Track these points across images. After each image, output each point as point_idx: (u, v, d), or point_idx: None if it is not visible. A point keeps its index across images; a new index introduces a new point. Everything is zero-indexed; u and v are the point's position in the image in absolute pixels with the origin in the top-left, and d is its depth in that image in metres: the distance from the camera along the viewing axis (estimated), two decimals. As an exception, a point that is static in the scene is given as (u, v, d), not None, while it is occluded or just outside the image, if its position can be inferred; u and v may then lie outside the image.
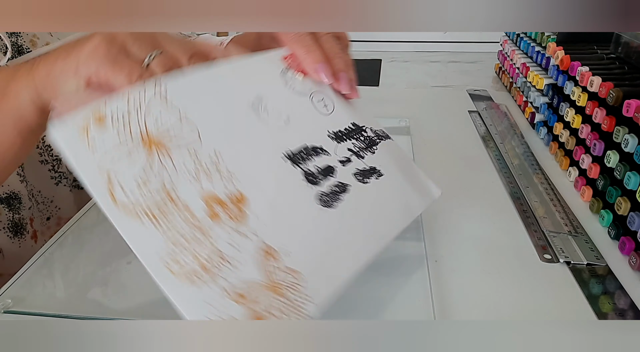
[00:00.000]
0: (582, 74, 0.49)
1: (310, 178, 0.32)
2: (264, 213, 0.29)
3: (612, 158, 0.42)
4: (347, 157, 0.35)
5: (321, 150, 0.34)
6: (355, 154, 0.36)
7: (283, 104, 0.34)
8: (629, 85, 0.44)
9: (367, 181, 0.35)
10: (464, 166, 0.56)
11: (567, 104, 0.54)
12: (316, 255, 0.30)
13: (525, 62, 0.68)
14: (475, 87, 0.82)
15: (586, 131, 0.48)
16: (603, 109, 0.45)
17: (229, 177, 0.29)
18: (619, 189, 0.42)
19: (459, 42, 1.05)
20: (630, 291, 0.37)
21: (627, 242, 0.40)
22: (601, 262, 0.40)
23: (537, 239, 0.43)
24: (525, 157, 0.57)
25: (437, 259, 0.40)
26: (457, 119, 0.69)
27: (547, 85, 0.60)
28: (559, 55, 0.56)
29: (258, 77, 0.35)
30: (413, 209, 0.38)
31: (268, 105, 0.33)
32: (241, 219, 0.28)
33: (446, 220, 0.45)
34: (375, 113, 0.72)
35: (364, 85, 0.84)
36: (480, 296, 0.36)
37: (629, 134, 0.40)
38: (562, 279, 0.38)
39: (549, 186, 0.51)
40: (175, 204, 0.27)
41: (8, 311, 0.35)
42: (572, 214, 0.46)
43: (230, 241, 0.27)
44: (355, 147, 0.36)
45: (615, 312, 0.35)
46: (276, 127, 0.33)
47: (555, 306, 0.36)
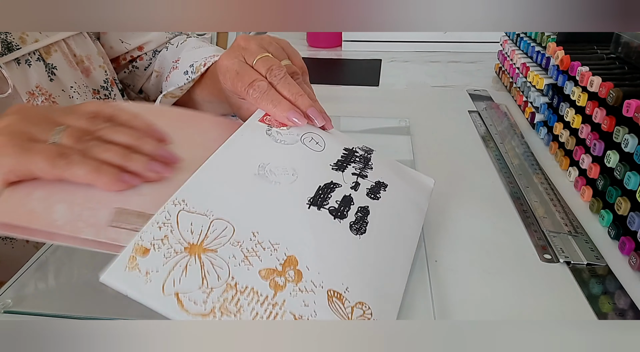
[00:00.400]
0: (582, 74, 0.49)
1: (336, 214, 0.35)
2: (315, 263, 0.31)
3: (612, 158, 0.42)
4: (355, 181, 0.37)
5: (333, 185, 0.36)
6: (360, 176, 0.38)
7: (284, 160, 0.36)
8: (629, 85, 0.44)
9: (379, 196, 0.38)
10: (464, 166, 0.56)
11: (567, 104, 0.54)
12: (371, 280, 0.33)
13: (525, 62, 0.68)
14: (475, 87, 0.82)
15: (586, 131, 0.48)
16: (603, 109, 0.45)
17: (274, 248, 0.31)
18: (619, 189, 0.42)
19: (459, 42, 1.05)
20: (630, 291, 0.37)
21: (627, 242, 0.40)
22: (601, 262, 0.40)
23: (537, 239, 0.43)
24: (525, 157, 0.57)
25: (437, 259, 0.40)
26: (457, 119, 0.69)
27: (547, 85, 0.60)
28: (559, 55, 0.56)
29: (251, 148, 0.37)
30: (422, 205, 0.41)
31: (272, 168, 0.35)
32: (299, 277, 0.30)
33: (446, 220, 0.45)
34: (376, 113, 0.72)
35: (364, 85, 0.84)
36: (480, 296, 0.36)
37: (629, 134, 0.40)
38: (562, 279, 0.38)
39: (549, 185, 0.51)
40: (243, 293, 0.28)
41: (8, 311, 0.35)
42: (572, 214, 0.46)
43: (300, 301, 0.29)
44: (357, 169, 0.39)
45: (615, 312, 0.35)
46: (288, 182, 0.35)
47: (555, 306, 0.36)
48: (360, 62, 0.98)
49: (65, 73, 0.52)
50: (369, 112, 0.72)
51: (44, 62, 0.50)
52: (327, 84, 0.85)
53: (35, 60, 0.49)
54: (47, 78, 0.51)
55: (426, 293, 0.36)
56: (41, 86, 0.50)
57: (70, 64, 0.53)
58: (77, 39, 0.55)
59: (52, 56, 0.51)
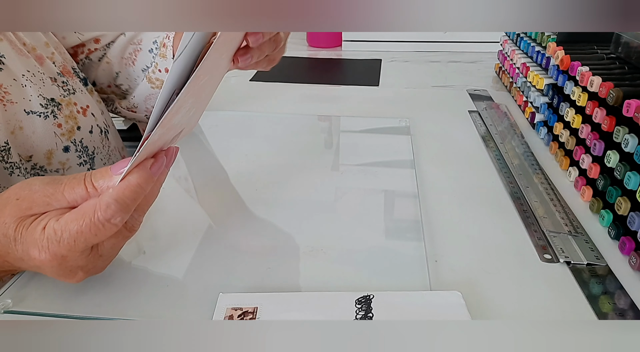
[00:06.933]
0: (582, 74, 0.49)
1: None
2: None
3: (612, 158, 0.42)
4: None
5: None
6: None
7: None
8: (629, 85, 0.44)
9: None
10: (464, 166, 0.56)
11: (567, 104, 0.54)
12: None
13: (525, 62, 0.68)
14: (475, 87, 0.82)
15: (586, 131, 0.48)
16: (603, 109, 0.45)
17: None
18: (619, 189, 0.42)
19: (459, 42, 1.05)
20: (630, 291, 0.37)
21: (627, 242, 0.40)
22: (601, 262, 0.40)
23: (537, 239, 0.43)
24: (525, 157, 0.57)
25: (437, 259, 0.40)
26: (457, 119, 0.69)
27: (547, 85, 0.60)
28: (559, 55, 0.56)
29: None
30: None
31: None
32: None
33: (446, 220, 0.45)
34: (376, 113, 0.72)
35: (364, 85, 0.84)
36: (480, 296, 0.36)
37: (629, 134, 0.40)
38: (562, 279, 0.38)
39: (549, 186, 0.51)
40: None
41: (8, 311, 0.35)
42: (572, 214, 0.46)
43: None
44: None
45: (615, 312, 0.35)
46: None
47: (555, 306, 0.36)
48: (360, 62, 0.98)
49: (15, 61, 0.50)
50: (369, 112, 0.72)
51: None
52: (327, 84, 0.85)
53: None
54: None
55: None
56: None
57: (20, 52, 0.51)
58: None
59: None
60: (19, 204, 0.33)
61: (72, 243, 0.31)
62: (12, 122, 0.49)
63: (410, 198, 0.49)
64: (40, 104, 0.51)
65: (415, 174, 0.53)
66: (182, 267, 0.39)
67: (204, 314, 0.34)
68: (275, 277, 0.38)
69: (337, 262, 0.40)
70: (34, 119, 0.50)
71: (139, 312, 0.35)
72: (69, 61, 0.59)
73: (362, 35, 1.06)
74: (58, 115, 0.52)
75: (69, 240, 0.31)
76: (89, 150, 0.56)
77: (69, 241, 0.31)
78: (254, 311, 0.33)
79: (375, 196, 0.49)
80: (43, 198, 0.33)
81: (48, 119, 0.51)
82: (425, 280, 0.37)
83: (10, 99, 0.49)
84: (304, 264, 0.40)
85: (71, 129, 0.54)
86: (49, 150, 0.52)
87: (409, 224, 0.45)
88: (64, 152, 0.53)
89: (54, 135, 0.52)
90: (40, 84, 0.52)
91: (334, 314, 0.33)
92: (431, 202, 0.48)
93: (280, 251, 0.41)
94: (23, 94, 0.50)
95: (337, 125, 0.69)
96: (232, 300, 0.34)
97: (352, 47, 1.07)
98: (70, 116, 0.54)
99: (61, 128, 0.53)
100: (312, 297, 0.35)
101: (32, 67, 0.52)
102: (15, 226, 0.32)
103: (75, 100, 0.55)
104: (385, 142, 0.62)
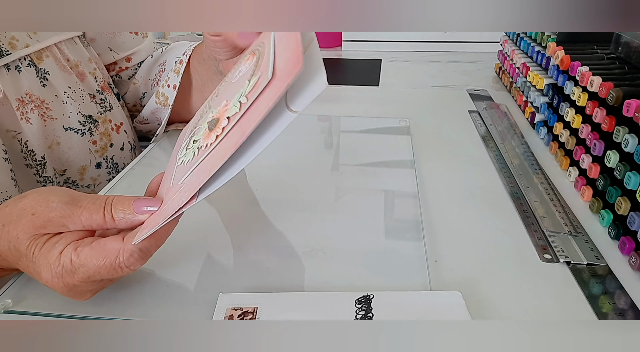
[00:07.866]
0: (582, 74, 0.49)
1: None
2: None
3: (612, 158, 0.42)
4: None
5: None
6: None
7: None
8: (629, 85, 0.44)
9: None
10: (464, 166, 0.56)
11: (567, 104, 0.54)
12: None
13: (525, 62, 0.68)
14: (475, 87, 0.82)
15: (586, 131, 0.48)
16: (603, 109, 0.45)
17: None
18: (619, 189, 0.42)
19: (459, 42, 1.05)
20: (630, 291, 0.37)
21: (627, 242, 0.40)
22: (601, 262, 0.40)
23: (537, 239, 0.43)
24: (525, 157, 0.57)
25: (437, 259, 0.40)
26: (457, 119, 0.69)
27: (547, 85, 0.60)
28: (559, 55, 0.56)
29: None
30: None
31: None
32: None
33: (446, 220, 0.45)
34: (376, 113, 0.72)
35: (364, 85, 0.84)
36: (480, 296, 0.36)
37: (629, 134, 0.40)
38: (562, 279, 0.38)
39: (549, 185, 0.51)
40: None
41: (8, 311, 0.35)
42: (572, 214, 0.46)
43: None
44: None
45: (615, 312, 0.35)
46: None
47: (555, 306, 0.36)
48: (360, 62, 0.98)
49: (58, 78, 0.51)
50: (369, 112, 0.72)
51: (35, 68, 0.49)
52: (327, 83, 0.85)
53: (26, 66, 0.48)
54: (39, 84, 0.50)
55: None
56: (31, 93, 0.49)
57: (63, 69, 0.52)
58: (68, 44, 0.54)
59: (44, 61, 0.50)
60: (34, 220, 0.32)
61: (87, 278, 0.31)
62: (51, 137, 0.51)
63: (410, 198, 0.49)
64: (79, 121, 0.53)
65: (415, 174, 0.53)
66: (182, 267, 0.39)
67: (204, 314, 0.34)
68: (275, 277, 0.38)
69: (337, 262, 0.40)
70: (71, 135, 0.52)
71: (139, 312, 0.35)
72: (107, 77, 0.60)
73: (362, 35, 1.06)
74: (94, 132, 0.55)
75: (84, 275, 0.31)
76: (118, 167, 0.58)
77: (83, 276, 0.31)
78: (254, 311, 0.33)
79: (375, 196, 0.49)
80: (59, 219, 0.32)
81: (85, 135, 0.54)
82: (425, 280, 0.37)
83: (51, 114, 0.51)
84: (304, 264, 0.40)
85: (105, 146, 0.56)
86: (82, 166, 0.54)
87: (409, 224, 0.45)
88: (96, 168, 0.55)
89: (88, 151, 0.54)
90: (80, 101, 0.54)
91: (334, 314, 0.33)
92: (431, 202, 0.48)
93: (280, 251, 0.41)
94: (63, 110, 0.52)
95: (337, 125, 0.69)
96: (232, 300, 0.34)
97: (352, 47, 1.07)
98: (104, 133, 0.56)
99: (96, 145, 0.55)
100: (312, 297, 0.35)
101: (74, 83, 0.54)
102: (28, 243, 0.32)
103: (110, 117, 0.57)
104: (385, 142, 0.62)
